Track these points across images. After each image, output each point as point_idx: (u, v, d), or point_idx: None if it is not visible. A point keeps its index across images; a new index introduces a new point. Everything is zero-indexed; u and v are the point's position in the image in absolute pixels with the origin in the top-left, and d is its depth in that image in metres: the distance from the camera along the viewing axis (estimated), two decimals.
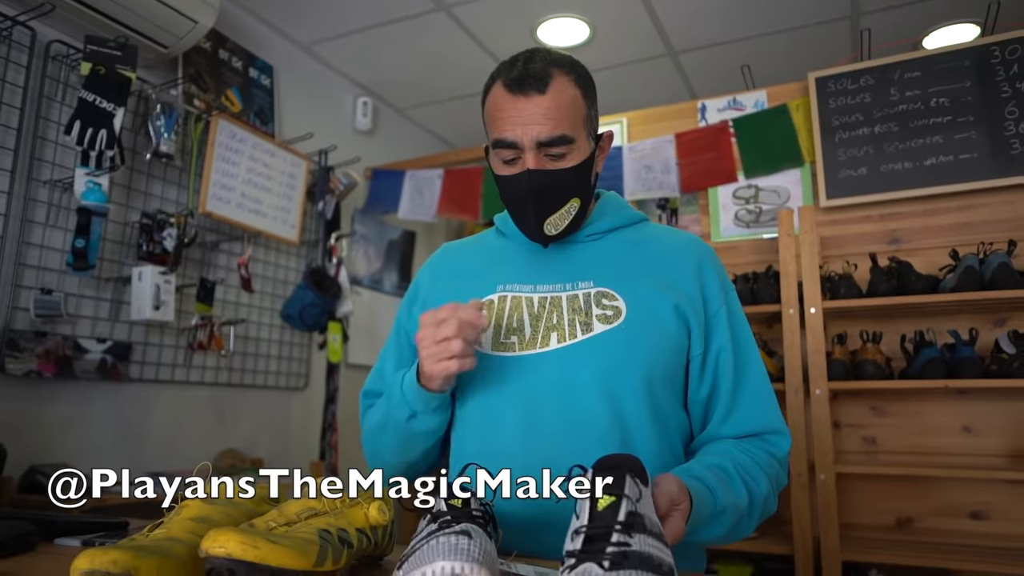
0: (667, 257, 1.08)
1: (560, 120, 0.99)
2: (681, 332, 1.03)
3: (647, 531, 0.68)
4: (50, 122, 2.09)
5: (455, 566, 0.65)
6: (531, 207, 1.02)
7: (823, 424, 2.14)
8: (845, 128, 2.44)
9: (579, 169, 1.02)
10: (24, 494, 1.87)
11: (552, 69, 1.00)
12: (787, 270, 2.26)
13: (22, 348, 1.97)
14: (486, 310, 1.05)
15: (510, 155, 1.01)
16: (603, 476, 0.70)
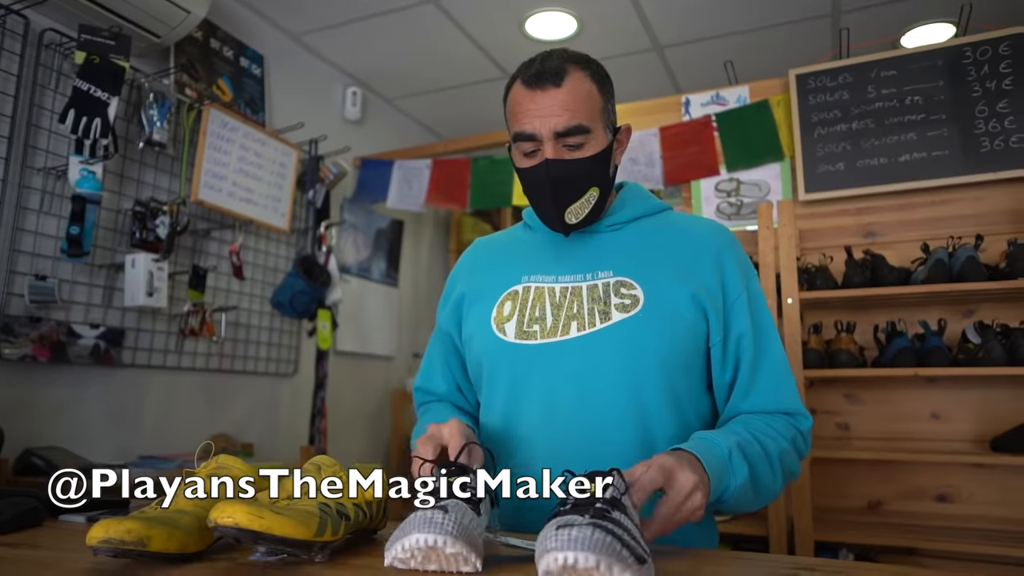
0: (687, 246, 1.11)
1: (576, 111, 1.03)
2: (699, 320, 1.05)
3: (628, 516, 0.75)
4: (44, 110, 2.11)
5: (428, 538, 0.71)
6: (550, 196, 1.06)
7: None
8: (824, 124, 2.51)
9: (597, 159, 1.05)
10: (20, 476, 1.91)
11: (568, 65, 1.05)
12: (766, 262, 2.33)
13: (17, 333, 2.00)
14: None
15: (530, 147, 1.05)
16: (595, 475, 0.77)
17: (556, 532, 0.67)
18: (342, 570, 0.81)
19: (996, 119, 2.27)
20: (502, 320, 1.11)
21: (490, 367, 1.12)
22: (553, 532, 0.68)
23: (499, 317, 1.11)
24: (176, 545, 0.82)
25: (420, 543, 0.72)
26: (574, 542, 0.66)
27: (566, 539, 0.66)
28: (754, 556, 0.89)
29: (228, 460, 1.00)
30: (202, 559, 0.85)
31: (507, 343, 1.08)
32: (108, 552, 0.79)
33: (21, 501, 1.10)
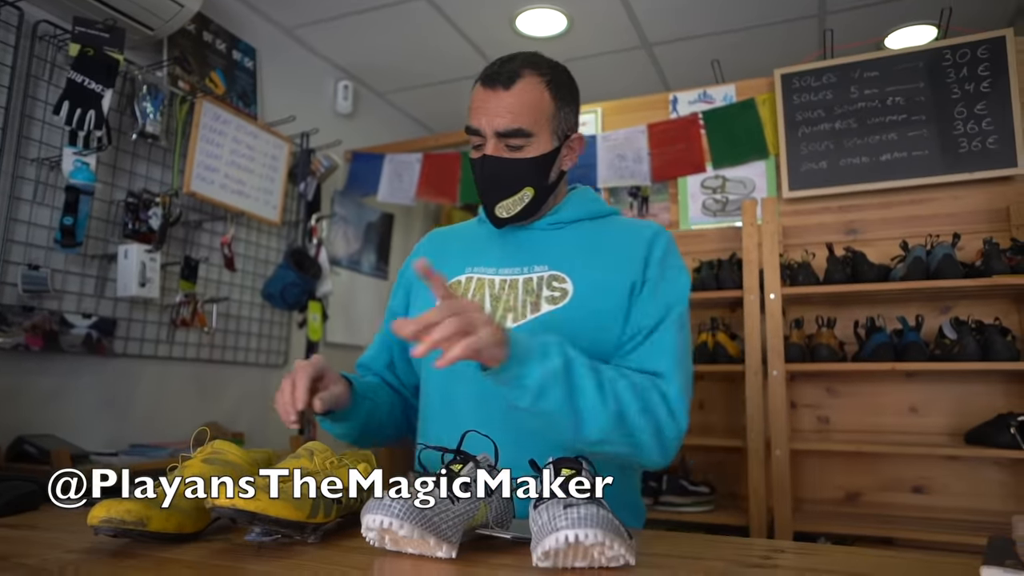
0: (622, 242, 1.17)
1: (519, 115, 1.10)
2: (621, 308, 1.11)
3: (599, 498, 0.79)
4: (37, 101, 2.13)
5: (376, 519, 0.76)
6: (482, 190, 1.15)
7: (780, 404, 2.27)
8: (808, 123, 2.56)
9: (536, 161, 1.12)
10: (12, 462, 1.93)
11: (524, 70, 1.11)
12: (749, 258, 2.38)
13: (10, 322, 2.02)
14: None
15: (477, 141, 1.14)
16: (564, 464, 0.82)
17: (564, 511, 0.71)
18: (333, 551, 0.84)
19: (974, 120, 2.33)
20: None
21: (431, 355, 1.17)
22: (561, 511, 0.72)
23: None
24: (174, 525, 0.86)
25: (373, 524, 0.77)
26: (583, 520, 0.70)
27: (576, 517, 0.70)
28: (731, 539, 0.94)
29: (223, 445, 1.04)
30: (198, 539, 0.88)
31: None
32: (109, 531, 0.82)
33: (19, 485, 1.13)
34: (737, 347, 2.43)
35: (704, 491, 2.39)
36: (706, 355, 2.43)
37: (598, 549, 0.72)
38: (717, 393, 2.63)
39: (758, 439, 2.28)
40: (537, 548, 0.72)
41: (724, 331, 2.47)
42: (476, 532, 0.87)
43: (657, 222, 2.80)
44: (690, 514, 2.33)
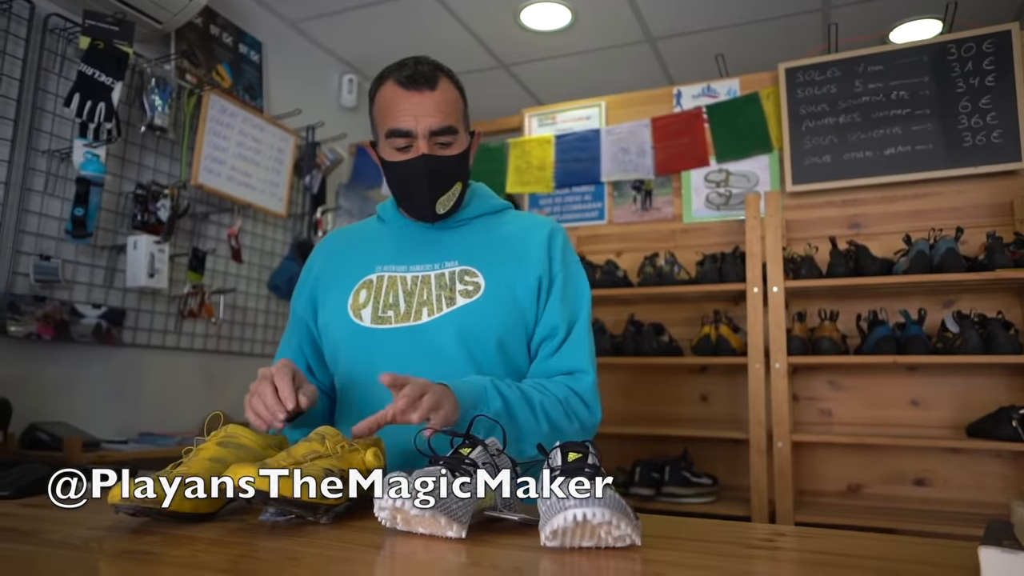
0: (523, 237, 1.25)
1: (447, 113, 1.16)
2: (531, 300, 1.20)
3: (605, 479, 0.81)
4: (48, 94, 2.15)
5: (387, 500, 0.78)
6: (427, 187, 1.17)
7: (782, 396, 2.29)
8: (812, 117, 2.57)
9: (461, 157, 1.20)
10: (26, 449, 1.96)
11: (438, 73, 1.18)
12: (753, 251, 2.40)
13: (22, 311, 2.05)
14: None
15: (403, 143, 1.16)
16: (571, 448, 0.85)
17: (573, 490, 0.73)
18: (346, 530, 0.87)
19: (979, 115, 2.34)
20: (358, 307, 1.21)
21: (347, 350, 1.22)
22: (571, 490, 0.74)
23: (355, 304, 1.21)
24: (191, 506, 0.88)
25: (386, 503, 0.79)
26: (592, 499, 0.72)
27: (584, 497, 0.72)
28: (734, 523, 0.96)
29: (237, 429, 1.06)
30: (214, 520, 0.90)
31: (364, 328, 1.19)
32: (128, 510, 0.84)
33: (36, 468, 1.15)
34: (740, 340, 2.45)
35: (706, 482, 2.42)
36: (709, 347, 2.45)
37: (605, 528, 0.74)
38: (720, 385, 2.65)
39: (760, 431, 2.30)
40: (546, 527, 0.74)
41: (727, 324, 2.48)
42: (485, 514, 0.89)
43: (661, 215, 2.84)
44: (692, 505, 2.35)
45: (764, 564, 0.75)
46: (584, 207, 2.98)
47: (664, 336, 2.56)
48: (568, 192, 3.01)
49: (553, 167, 3.02)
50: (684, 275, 2.56)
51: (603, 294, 2.60)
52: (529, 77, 3.70)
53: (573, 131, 3.02)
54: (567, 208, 3.00)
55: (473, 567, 0.70)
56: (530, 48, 3.40)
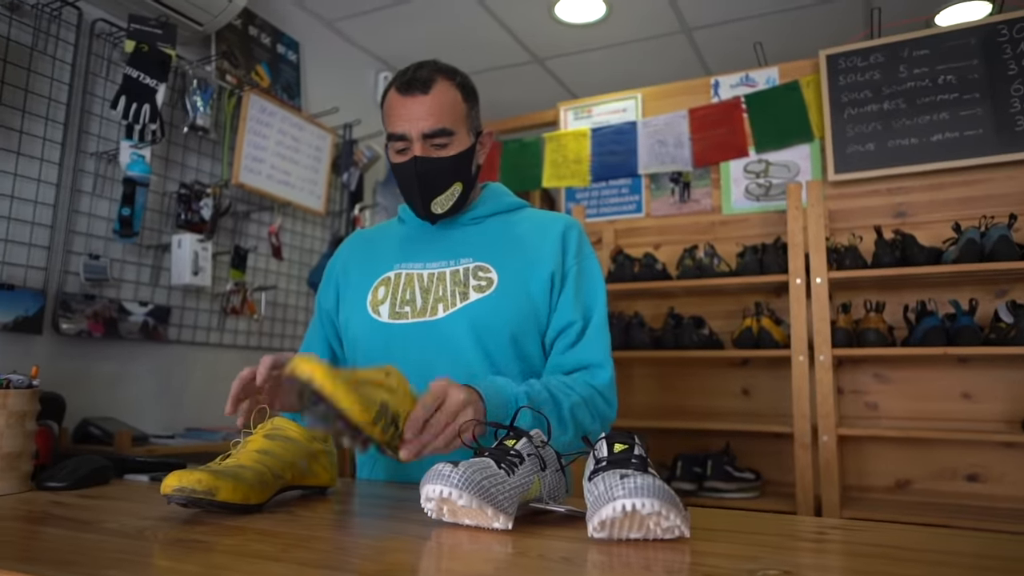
0: (537, 233, 1.27)
1: (441, 116, 1.18)
2: (544, 294, 1.21)
3: (652, 470, 0.81)
4: (95, 97, 2.21)
5: (435, 488, 0.78)
6: (418, 189, 1.21)
7: (826, 389, 2.24)
8: (854, 104, 2.51)
9: (460, 158, 1.22)
10: (78, 444, 2.02)
11: (436, 75, 1.20)
12: (795, 242, 2.35)
13: (73, 309, 2.11)
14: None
15: (401, 146, 1.20)
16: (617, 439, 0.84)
17: (621, 481, 0.73)
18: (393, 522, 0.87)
19: None
20: (377, 303, 1.25)
21: (366, 345, 1.25)
22: (617, 481, 0.73)
23: (374, 300, 1.25)
24: (240, 496, 0.89)
25: (433, 493, 0.79)
26: (640, 489, 0.71)
27: (632, 487, 0.72)
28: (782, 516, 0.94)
29: (283, 422, 1.08)
30: (261, 511, 0.92)
31: (381, 323, 1.22)
32: (180, 500, 0.86)
33: (93, 459, 1.19)
34: (782, 332, 2.41)
35: (750, 477, 2.38)
36: (751, 340, 2.41)
37: (654, 519, 0.73)
38: (762, 378, 2.60)
39: (805, 425, 2.26)
40: (593, 518, 0.74)
41: (769, 316, 2.44)
42: (530, 506, 0.89)
43: (699, 207, 2.80)
44: (735, 500, 2.32)
45: (816, 556, 0.74)
46: (621, 200, 2.95)
47: (704, 329, 2.53)
48: (605, 185, 2.99)
49: (589, 160, 3.00)
50: (724, 267, 2.53)
51: (642, 287, 2.58)
52: (563, 71, 3.69)
53: (609, 124, 3.00)
54: (604, 201, 2.98)
55: (520, 557, 0.70)
56: (564, 41, 3.38)
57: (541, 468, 0.90)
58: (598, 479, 0.79)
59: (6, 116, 1.98)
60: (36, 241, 2.04)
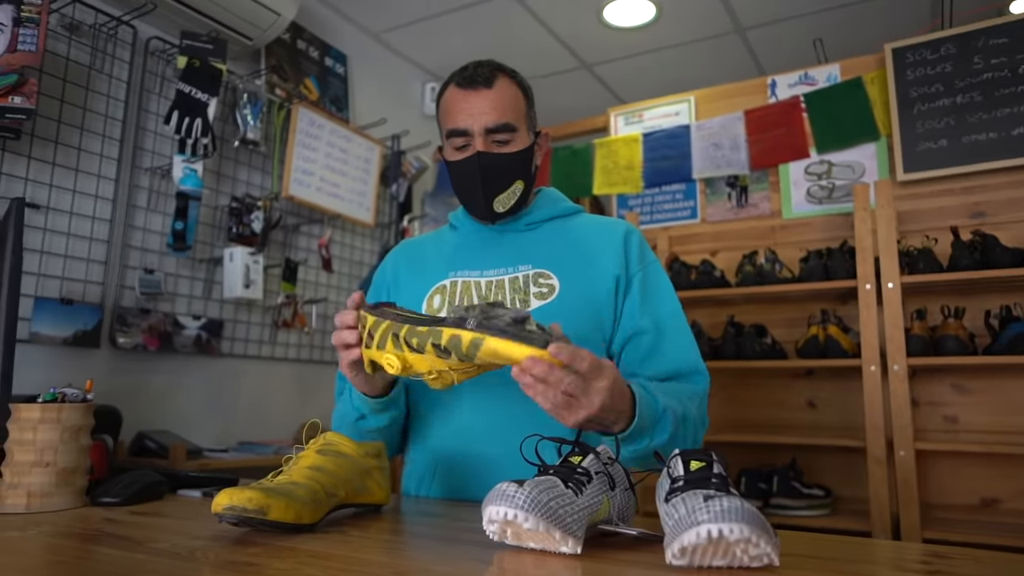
0: (597, 237, 1.22)
1: (504, 111, 1.16)
2: (608, 301, 1.16)
3: (734, 490, 0.73)
4: (149, 113, 2.24)
5: (500, 511, 0.71)
6: (480, 185, 1.17)
7: (901, 401, 2.11)
8: (924, 100, 2.38)
9: (521, 155, 1.17)
10: (135, 457, 2.03)
11: (497, 72, 1.18)
12: (863, 245, 2.23)
13: (129, 323, 2.13)
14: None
15: (462, 142, 1.16)
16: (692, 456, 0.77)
17: (705, 504, 0.66)
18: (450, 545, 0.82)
19: None
20: (432, 312, 1.19)
21: None
22: (701, 504, 0.66)
23: (429, 309, 1.20)
24: (292, 515, 0.85)
25: (496, 516, 0.72)
26: (727, 513, 0.64)
27: (719, 510, 0.65)
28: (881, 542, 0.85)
29: (335, 437, 1.03)
30: (314, 530, 0.87)
31: None
32: (231, 519, 0.82)
33: (147, 474, 1.17)
34: (851, 341, 2.28)
35: (819, 494, 2.25)
36: (817, 349, 2.29)
37: (742, 546, 0.66)
38: (829, 390, 2.47)
39: (878, 439, 2.13)
40: (673, 544, 0.67)
41: (836, 324, 2.32)
42: (599, 528, 0.82)
43: (758, 211, 2.69)
44: (804, 518, 2.20)
45: None
46: (675, 206, 2.86)
47: (766, 338, 2.42)
48: (658, 191, 2.90)
49: (641, 166, 2.93)
50: (787, 273, 2.41)
51: (699, 295, 2.49)
52: (612, 77, 3.62)
53: (661, 128, 2.92)
54: (657, 208, 2.90)
55: None
56: (613, 46, 3.32)
57: (610, 487, 0.84)
58: (677, 500, 0.72)
59: (65, 134, 2.02)
60: (94, 256, 2.07)
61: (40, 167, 1.96)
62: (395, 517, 1.02)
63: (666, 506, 0.74)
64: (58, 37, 2.01)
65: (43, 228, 1.96)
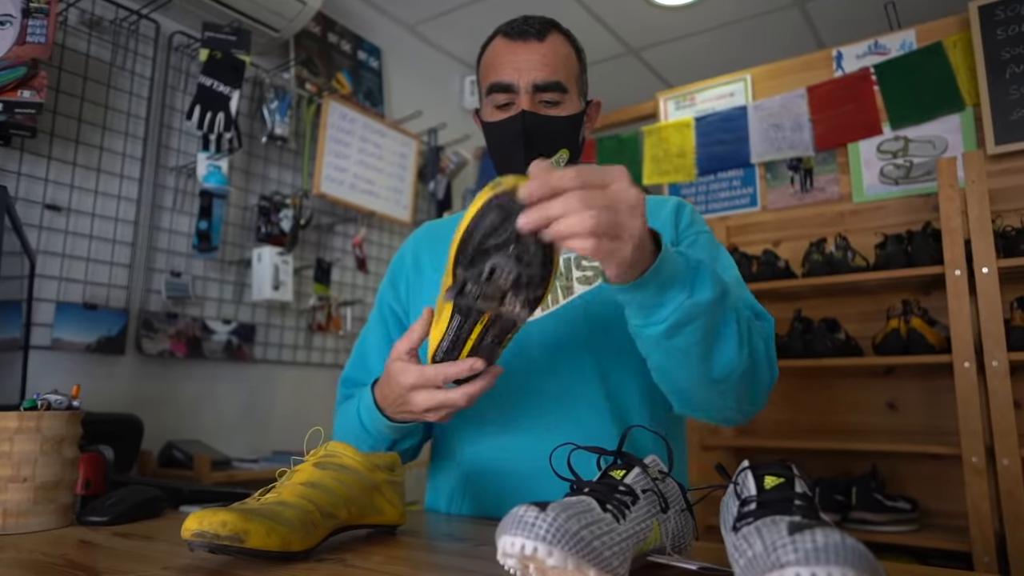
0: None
1: (556, 68, 1.01)
2: None
3: (825, 517, 0.55)
4: (174, 111, 2.16)
5: (516, 542, 0.55)
6: (523, 148, 1.02)
7: (1002, 402, 1.85)
8: (1018, 61, 2.11)
9: (570, 120, 1.03)
10: (163, 467, 1.94)
11: (549, 26, 1.04)
12: (951, 226, 1.98)
13: (156, 329, 2.04)
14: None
15: (504, 99, 1.02)
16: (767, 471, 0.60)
17: (791, 539, 0.48)
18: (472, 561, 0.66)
19: None
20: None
21: None
22: (785, 538, 0.48)
23: None
24: (277, 542, 0.70)
25: (512, 549, 0.55)
26: (822, 552, 0.46)
27: (811, 548, 0.47)
28: None
29: (339, 447, 0.89)
30: (308, 559, 0.73)
31: None
32: (203, 547, 0.68)
33: (143, 490, 1.06)
34: (938, 334, 2.03)
35: (904, 507, 2.01)
36: (898, 345, 2.05)
37: None
38: (912, 390, 2.22)
39: (976, 445, 1.87)
40: None
41: (920, 316, 2.07)
42: (648, 559, 0.65)
43: (824, 196, 2.46)
44: (889, 534, 1.95)
45: None
46: (733, 194, 2.65)
47: (839, 333, 2.18)
48: (713, 179, 2.69)
49: (694, 153, 2.72)
50: (860, 261, 2.18)
51: (762, 288, 2.27)
52: (660, 61, 3.42)
53: (715, 111, 2.71)
54: (712, 196, 2.68)
55: None
56: (660, 28, 3.12)
57: (662, 509, 0.66)
58: (750, 530, 0.54)
59: (87, 133, 1.95)
60: (118, 259, 1.99)
61: (60, 167, 1.89)
62: (411, 540, 0.86)
63: (735, 537, 0.56)
64: (78, 34, 1.95)
65: (64, 231, 1.88)
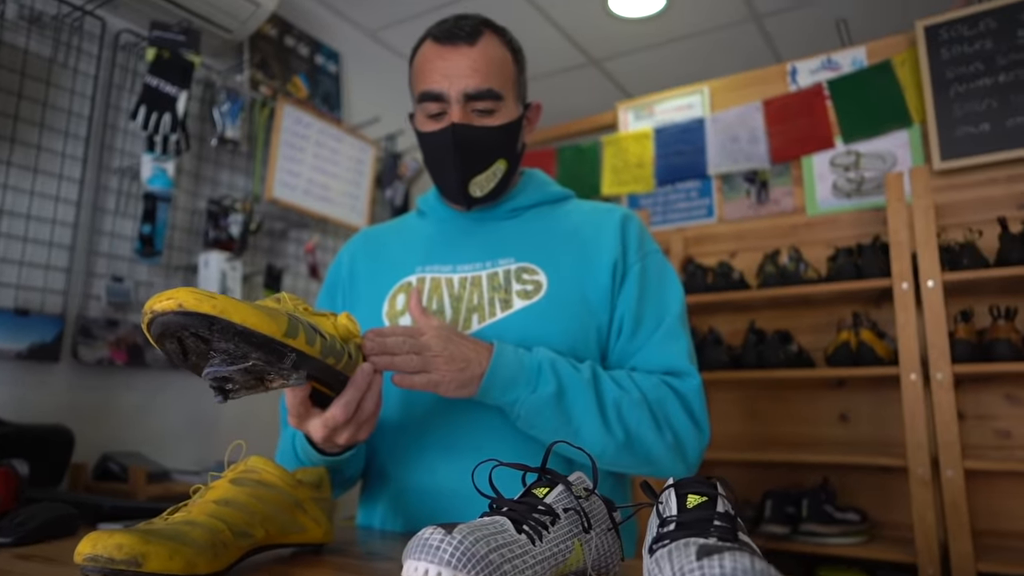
0: (590, 226, 1.04)
1: (488, 74, 0.96)
2: (604, 299, 0.99)
3: (744, 537, 0.54)
4: (119, 111, 2.09)
5: (420, 567, 0.52)
6: (454, 164, 0.98)
7: (947, 414, 1.87)
8: (962, 80, 2.16)
9: (506, 129, 0.99)
10: (98, 481, 1.86)
11: (482, 27, 0.99)
12: (898, 239, 2.01)
13: (95, 336, 1.97)
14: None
15: (436, 109, 0.97)
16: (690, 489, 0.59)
17: (699, 564, 0.46)
18: None
19: None
20: (395, 314, 1.02)
21: None
22: (693, 562, 0.47)
23: (392, 311, 1.02)
24: (181, 564, 0.66)
25: (415, 573, 0.53)
26: None
27: (717, 574, 0.45)
28: None
29: (260, 463, 0.85)
30: None
31: None
32: (96, 572, 0.64)
33: (55, 507, 1.00)
34: (887, 347, 2.05)
35: (854, 519, 2.02)
36: (848, 357, 2.06)
37: None
38: (863, 402, 2.24)
39: (922, 456, 1.89)
40: None
41: (870, 328, 2.09)
42: None
43: (779, 208, 2.48)
44: (838, 546, 1.96)
45: None
46: (690, 205, 2.66)
47: (792, 345, 2.20)
48: (671, 189, 2.70)
49: (653, 163, 2.73)
50: (813, 273, 2.20)
51: (717, 299, 2.27)
52: (620, 72, 3.43)
53: (674, 122, 2.72)
54: (671, 207, 2.69)
55: None
56: (621, 39, 3.13)
57: (584, 529, 0.64)
58: (663, 553, 0.52)
59: (23, 132, 1.87)
60: (54, 263, 1.91)
61: None
62: (336, 560, 0.82)
63: (649, 560, 0.54)
64: (17, 28, 1.88)
65: None
